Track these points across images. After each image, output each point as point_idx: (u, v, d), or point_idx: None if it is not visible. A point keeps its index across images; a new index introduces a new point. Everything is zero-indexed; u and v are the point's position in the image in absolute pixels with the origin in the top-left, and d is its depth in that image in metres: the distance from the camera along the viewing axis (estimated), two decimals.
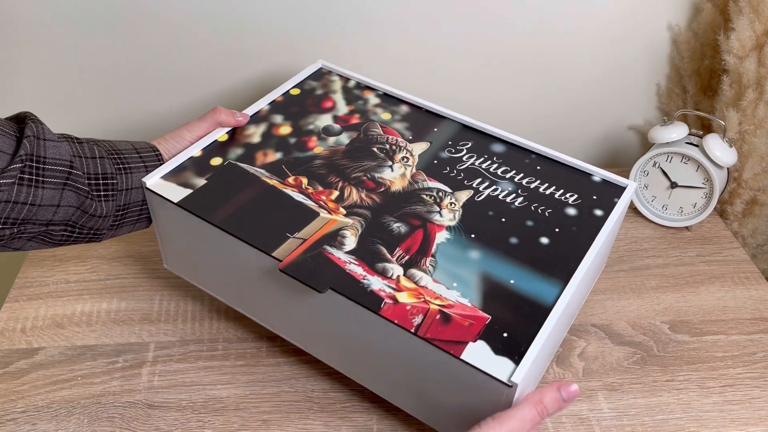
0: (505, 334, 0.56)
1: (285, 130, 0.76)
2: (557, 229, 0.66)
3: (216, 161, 0.71)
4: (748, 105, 0.88)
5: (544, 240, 0.65)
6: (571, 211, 0.68)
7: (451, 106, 1.01)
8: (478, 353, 0.54)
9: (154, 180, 0.68)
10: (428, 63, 0.97)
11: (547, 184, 0.71)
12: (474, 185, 0.70)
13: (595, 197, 0.70)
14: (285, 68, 0.98)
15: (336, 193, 0.68)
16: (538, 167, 0.73)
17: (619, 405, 0.70)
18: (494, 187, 0.70)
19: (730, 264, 0.87)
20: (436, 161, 0.73)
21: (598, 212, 0.68)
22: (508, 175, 0.72)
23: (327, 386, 0.71)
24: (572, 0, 0.92)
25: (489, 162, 0.73)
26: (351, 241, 0.63)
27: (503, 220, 0.67)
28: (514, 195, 0.69)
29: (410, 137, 0.76)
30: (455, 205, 0.68)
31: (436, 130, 0.77)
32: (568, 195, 0.70)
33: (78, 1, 0.88)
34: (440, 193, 0.69)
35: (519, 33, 0.95)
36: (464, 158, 0.73)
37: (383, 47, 0.95)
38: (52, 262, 0.85)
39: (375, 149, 0.74)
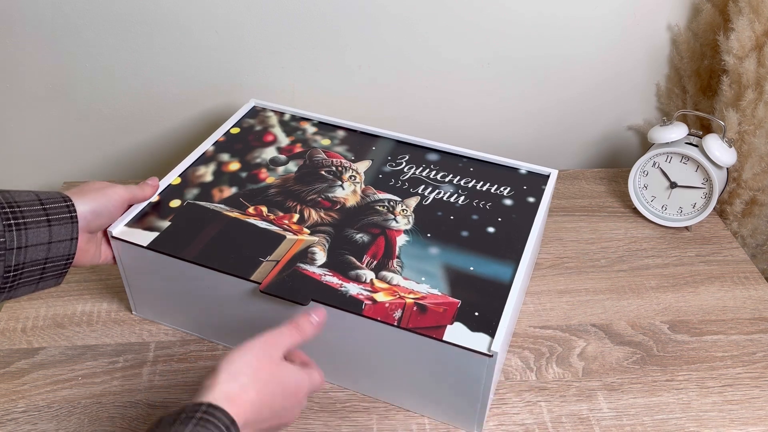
0: (476, 313, 0.63)
1: (234, 166, 0.80)
2: (499, 219, 0.74)
3: (175, 203, 0.74)
4: (748, 105, 0.88)
5: (491, 229, 0.73)
6: (508, 202, 0.76)
7: (452, 110, 1.02)
8: (457, 333, 0.61)
9: (119, 228, 0.70)
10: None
11: (482, 182, 0.79)
12: (419, 191, 0.77)
13: (525, 187, 0.78)
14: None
15: (297, 216, 0.73)
16: (471, 168, 0.81)
17: (618, 405, 0.70)
18: (437, 190, 0.77)
19: (730, 264, 0.87)
20: (380, 175, 0.79)
21: (531, 199, 0.77)
22: (447, 179, 0.79)
23: (327, 386, 0.71)
24: (572, 0, 0.92)
25: (428, 170, 0.80)
26: (321, 256, 0.68)
27: (452, 217, 0.74)
28: (456, 195, 0.77)
29: (352, 158, 0.82)
30: (407, 210, 0.75)
31: (374, 148, 0.84)
32: (502, 188, 0.78)
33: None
34: (391, 203, 0.75)
35: (518, 34, 0.95)
36: (405, 170, 0.80)
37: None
38: None
39: (323, 172, 0.80)
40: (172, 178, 0.77)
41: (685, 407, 0.70)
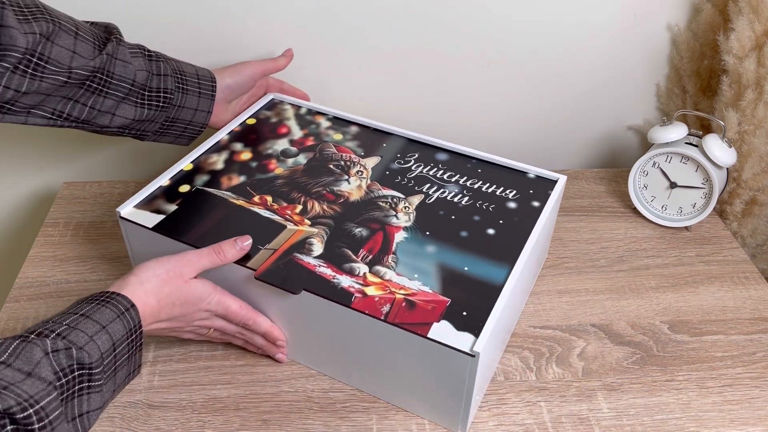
0: (464, 313, 0.63)
1: (246, 155, 0.82)
2: (501, 221, 0.74)
3: (184, 188, 0.76)
4: (748, 105, 0.88)
5: (491, 231, 0.73)
6: (512, 205, 0.76)
7: (453, 110, 1.02)
8: (443, 331, 0.61)
9: (128, 209, 0.73)
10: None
11: (488, 184, 0.79)
12: (424, 190, 0.78)
13: (531, 191, 0.78)
14: None
15: (300, 207, 0.74)
16: (479, 170, 0.81)
17: (618, 405, 0.70)
18: (442, 190, 0.78)
19: (730, 264, 0.87)
20: (387, 172, 0.80)
21: (535, 203, 0.76)
22: (453, 179, 0.79)
23: (327, 386, 0.71)
24: (572, 1, 0.92)
25: (435, 169, 0.81)
26: (318, 248, 0.69)
27: (453, 217, 0.74)
28: (460, 195, 0.77)
29: (362, 153, 0.83)
30: (409, 208, 0.75)
31: (385, 145, 0.85)
32: (507, 191, 0.78)
33: None
34: (394, 199, 0.76)
35: (518, 33, 0.95)
36: (413, 168, 0.81)
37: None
38: (53, 262, 0.85)
39: (331, 166, 0.81)
40: (185, 164, 0.80)
41: (685, 407, 0.70)
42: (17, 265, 1.02)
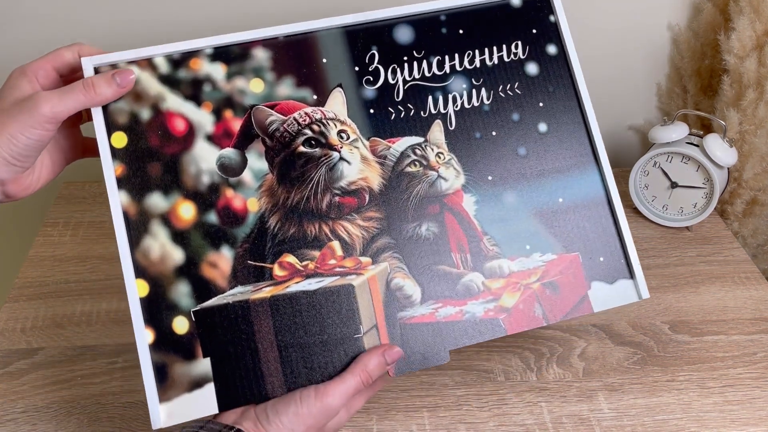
0: (601, 259, 0.59)
1: (187, 210, 0.54)
2: (540, 104, 0.61)
3: (181, 326, 0.53)
4: (749, 105, 0.88)
5: (542, 127, 0.61)
6: (532, 70, 0.61)
7: None
8: (602, 295, 0.58)
9: (163, 413, 0.52)
10: None
11: (486, 49, 0.60)
12: (431, 110, 0.58)
13: (534, 31, 0.62)
14: None
15: (337, 245, 0.55)
16: (461, 31, 0.60)
17: (619, 405, 0.70)
18: (450, 94, 0.59)
19: (731, 264, 0.87)
20: (372, 110, 0.57)
21: (551, 49, 0.62)
22: (446, 68, 0.59)
23: None
24: (572, 0, 0.92)
25: (414, 63, 0.59)
26: (412, 287, 0.55)
27: (494, 133, 0.59)
28: (474, 92, 0.59)
29: (314, 96, 0.57)
30: (443, 154, 0.58)
31: (325, 60, 0.57)
32: (512, 47, 0.61)
33: None
34: (417, 151, 0.58)
35: None
36: (390, 79, 0.58)
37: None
38: (52, 262, 0.85)
39: (302, 148, 0.55)
40: (132, 285, 0.54)
41: (686, 408, 0.70)
42: (17, 265, 1.02)
